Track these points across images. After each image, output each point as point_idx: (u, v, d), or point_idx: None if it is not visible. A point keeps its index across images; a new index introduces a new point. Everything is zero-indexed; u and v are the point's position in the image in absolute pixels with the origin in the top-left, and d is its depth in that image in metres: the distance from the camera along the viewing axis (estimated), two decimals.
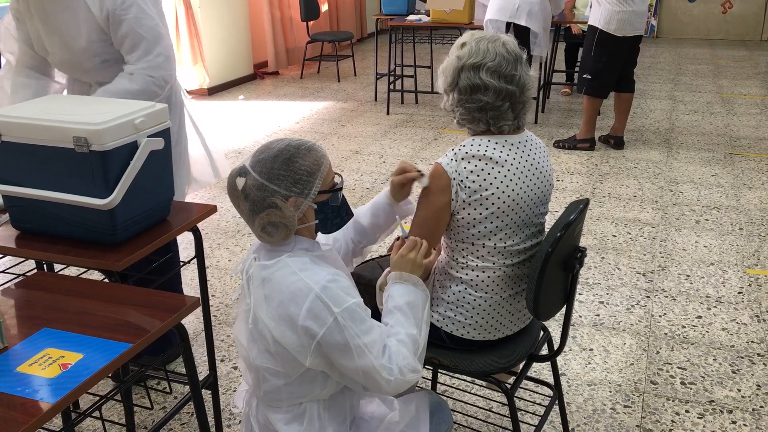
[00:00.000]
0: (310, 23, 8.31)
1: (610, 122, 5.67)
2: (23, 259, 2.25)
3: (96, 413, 1.57)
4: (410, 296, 1.64)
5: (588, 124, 5.34)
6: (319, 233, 1.65)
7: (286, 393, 1.58)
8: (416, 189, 1.83)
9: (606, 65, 5.06)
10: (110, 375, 2.11)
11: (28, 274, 1.96)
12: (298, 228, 1.56)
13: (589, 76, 5.15)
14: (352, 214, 1.69)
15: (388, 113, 6.58)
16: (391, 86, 6.71)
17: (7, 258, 2.19)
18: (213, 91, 7.35)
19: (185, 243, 3.63)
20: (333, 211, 1.62)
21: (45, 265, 2.27)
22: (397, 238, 1.78)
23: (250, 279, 1.57)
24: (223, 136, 5.90)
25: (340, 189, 1.62)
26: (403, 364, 1.52)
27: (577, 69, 7.23)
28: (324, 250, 1.65)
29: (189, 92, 7.27)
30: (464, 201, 1.79)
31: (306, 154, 1.54)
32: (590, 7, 5.31)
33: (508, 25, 5.50)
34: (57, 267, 2.32)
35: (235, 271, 1.65)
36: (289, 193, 1.52)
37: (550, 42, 6.27)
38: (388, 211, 1.91)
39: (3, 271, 2.18)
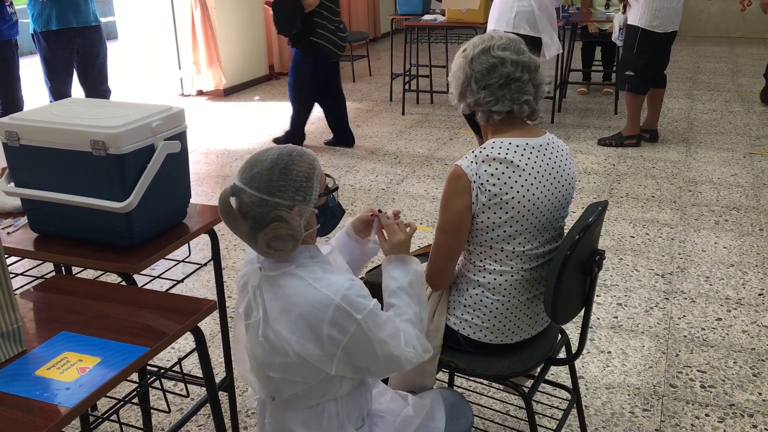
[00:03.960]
0: None
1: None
2: (41, 262, 2.26)
3: (113, 416, 1.58)
4: (410, 276, 1.70)
5: (633, 120, 5.37)
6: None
7: (304, 396, 1.58)
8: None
9: (648, 62, 5.14)
10: None
11: (46, 276, 1.97)
12: (303, 236, 1.53)
13: (632, 73, 5.19)
14: (344, 211, 1.69)
15: (403, 113, 6.56)
16: (407, 86, 6.70)
17: (26, 260, 2.21)
18: (229, 92, 7.38)
19: (201, 244, 3.64)
20: (330, 212, 1.62)
21: (63, 268, 2.28)
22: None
23: (256, 290, 1.55)
24: (239, 137, 5.92)
25: (337, 188, 1.62)
26: (418, 345, 1.61)
27: (593, 68, 7.20)
28: (326, 253, 1.64)
29: (205, 93, 7.32)
30: (484, 204, 1.78)
31: (299, 159, 1.51)
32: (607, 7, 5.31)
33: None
34: (74, 270, 2.33)
35: (238, 282, 1.63)
36: (292, 202, 1.48)
37: (566, 41, 6.23)
38: (351, 248, 1.89)
39: (22, 274, 2.19)
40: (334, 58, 5.26)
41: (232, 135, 6.00)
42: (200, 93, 7.37)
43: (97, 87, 4.96)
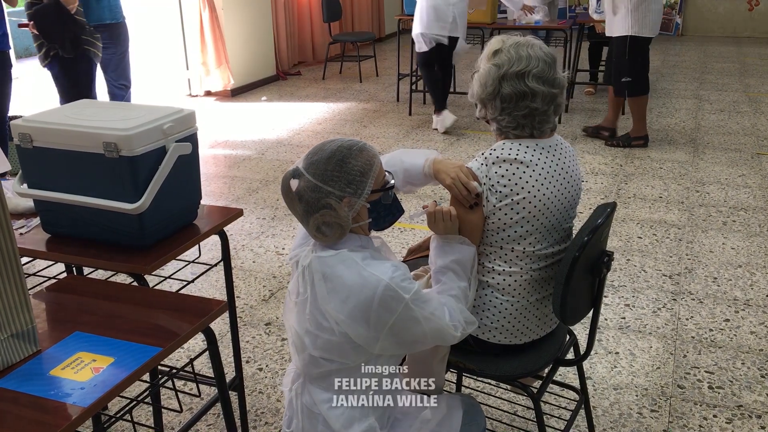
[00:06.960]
0: (320, 23, 8.38)
1: (622, 123, 5.62)
2: (53, 262, 2.28)
3: (126, 416, 1.59)
4: (456, 254, 1.76)
5: (640, 121, 5.41)
6: None
7: (337, 377, 1.62)
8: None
9: (642, 64, 5.20)
10: None
11: (58, 277, 1.98)
12: (351, 227, 1.59)
13: (629, 79, 5.22)
14: (403, 211, 1.72)
15: (410, 114, 6.57)
16: (413, 87, 6.71)
17: (38, 261, 2.22)
18: (236, 93, 7.40)
19: (210, 245, 3.66)
20: (385, 209, 1.66)
21: (75, 269, 2.30)
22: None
23: (306, 270, 1.59)
24: (247, 137, 5.94)
25: (392, 187, 1.66)
26: (462, 318, 1.67)
27: (600, 69, 7.18)
28: (377, 245, 1.68)
29: (213, 94, 7.34)
30: (494, 206, 1.79)
31: (358, 154, 1.57)
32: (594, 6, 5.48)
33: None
34: (85, 270, 2.35)
35: (290, 260, 1.69)
36: (342, 193, 1.55)
37: (574, 41, 6.24)
38: (422, 182, 1.93)
39: (34, 274, 2.21)
40: (97, 60, 4.75)
41: (240, 135, 6.02)
42: (208, 93, 7.39)
43: (116, 81, 5.17)
